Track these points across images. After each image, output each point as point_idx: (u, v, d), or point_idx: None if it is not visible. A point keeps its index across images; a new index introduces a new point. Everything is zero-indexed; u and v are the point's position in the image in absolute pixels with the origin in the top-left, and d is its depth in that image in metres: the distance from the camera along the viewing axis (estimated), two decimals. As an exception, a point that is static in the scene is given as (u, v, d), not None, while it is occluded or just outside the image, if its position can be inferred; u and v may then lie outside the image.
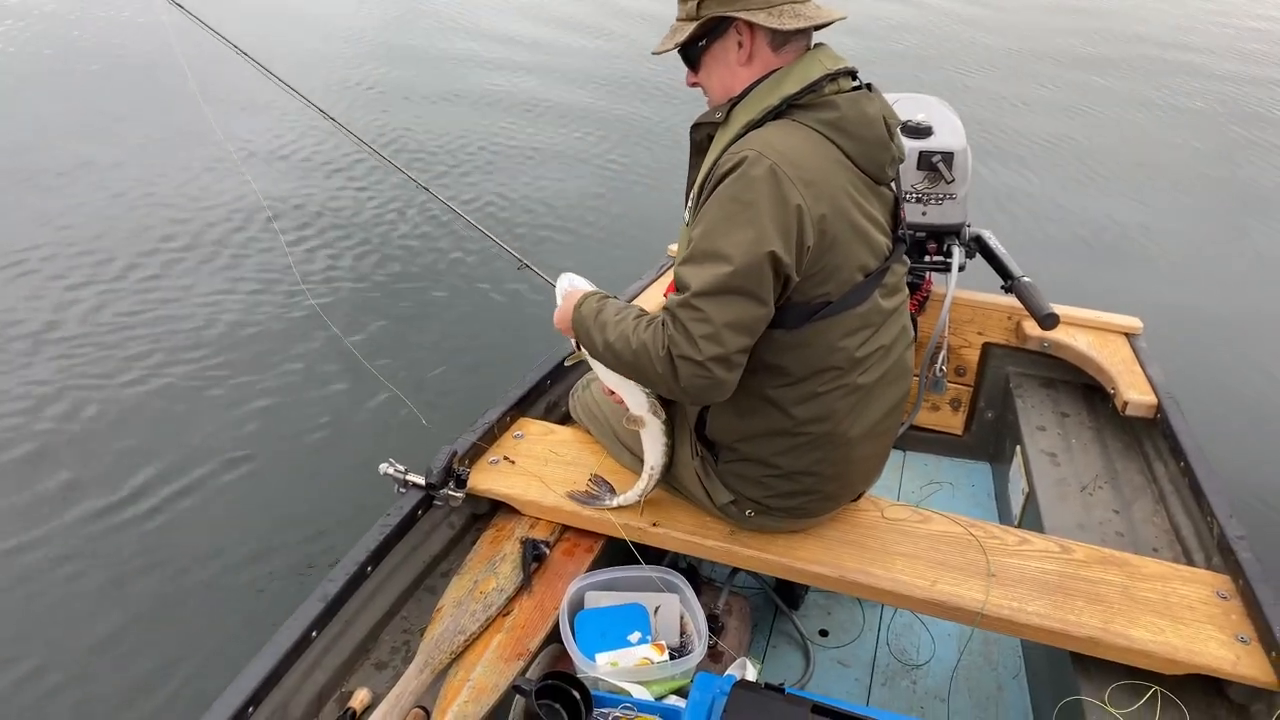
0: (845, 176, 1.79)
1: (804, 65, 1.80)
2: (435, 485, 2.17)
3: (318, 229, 5.18)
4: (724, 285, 1.70)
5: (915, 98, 3.00)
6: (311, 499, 3.38)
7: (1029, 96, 8.32)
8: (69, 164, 5.70)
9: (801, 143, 1.75)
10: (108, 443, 3.62)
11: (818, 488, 2.02)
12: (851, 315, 1.85)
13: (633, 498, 2.16)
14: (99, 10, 8.56)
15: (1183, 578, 2.08)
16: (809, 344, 1.85)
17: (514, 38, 9.11)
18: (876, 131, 1.82)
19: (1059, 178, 6.62)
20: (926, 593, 2.00)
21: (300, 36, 8.42)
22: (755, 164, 1.69)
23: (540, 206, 5.65)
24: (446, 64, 8.21)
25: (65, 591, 3.02)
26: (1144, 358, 2.83)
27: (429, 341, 4.31)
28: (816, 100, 1.78)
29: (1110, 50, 10.15)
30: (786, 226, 1.70)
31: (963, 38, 10.08)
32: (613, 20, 9.88)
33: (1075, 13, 11.52)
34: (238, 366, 4.07)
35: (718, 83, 1.90)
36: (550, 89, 7.71)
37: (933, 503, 3.01)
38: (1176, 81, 9.19)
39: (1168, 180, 6.76)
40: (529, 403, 2.56)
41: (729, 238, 1.70)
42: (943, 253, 2.87)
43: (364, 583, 2.03)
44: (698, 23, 1.82)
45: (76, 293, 4.48)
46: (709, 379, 1.72)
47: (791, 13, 1.79)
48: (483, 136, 6.61)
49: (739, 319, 1.72)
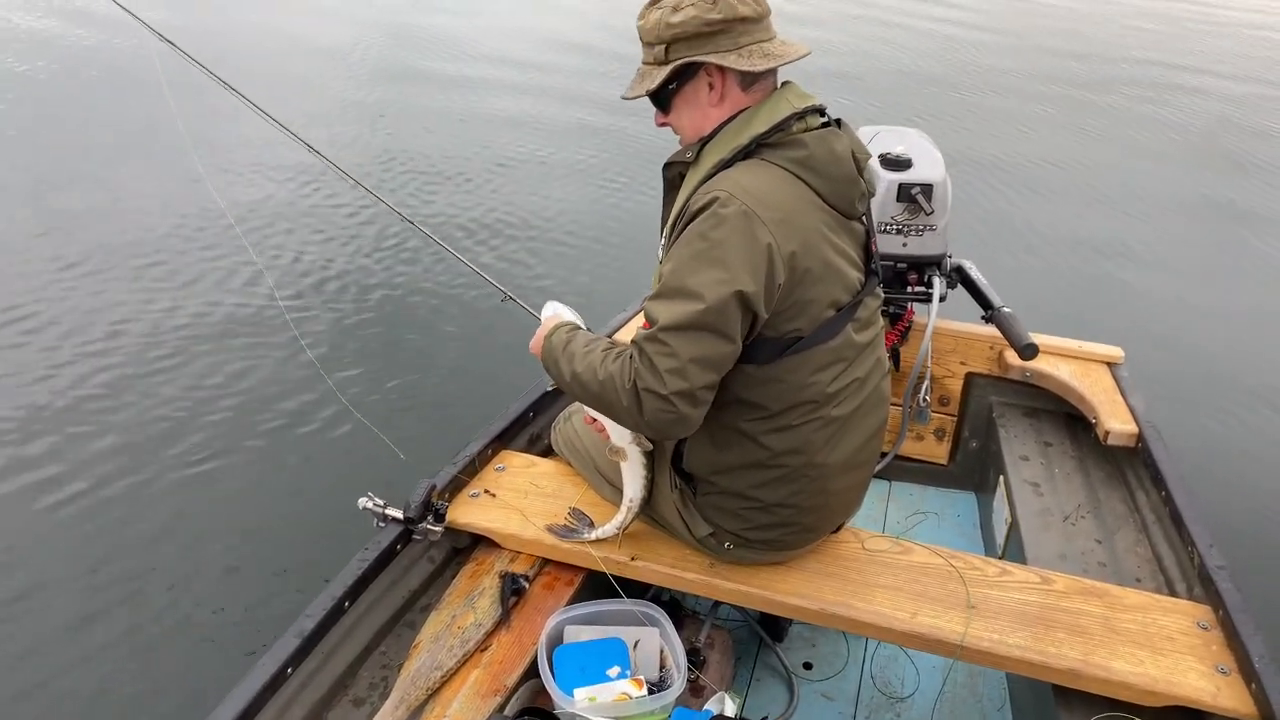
0: (815, 214, 1.81)
1: (772, 105, 1.82)
2: (414, 519, 2.15)
3: (299, 261, 5.18)
4: (691, 321, 1.70)
5: (895, 130, 3.03)
6: (289, 533, 3.36)
7: (1012, 124, 8.39)
8: (49, 195, 5.71)
9: (771, 182, 1.77)
10: (81, 475, 3.60)
11: (796, 520, 2.01)
12: (823, 350, 1.86)
13: (611, 530, 2.16)
14: (85, 40, 8.61)
15: (1163, 608, 2.07)
16: (781, 379, 1.86)
17: (499, 66, 9.19)
18: (845, 169, 1.83)
19: (1042, 205, 6.67)
20: (907, 625, 1.99)
21: (283, 66, 8.47)
22: (726, 204, 1.71)
23: (526, 238, 5.67)
24: (430, 93, 8.27)
25: (33, 627, 2.99)
26: (1125, 387, 2.84)
27: (411, 373, 4.30)
28: (785, 139, 1.80)
29: (1095, 75, 10.26)
30: (755, 265, 1.71)
31: (947, 63, 10.19)
32: (599, 57, 9.97)
33: (1058, 38, 11.65)
34: (215, 399, 4.05)
35: (688, 123, 1.91)
36: (538, 119, 7.77)
37: (918, 533, 3.01)
38: (1161, 107, 9.29)
39: (1149, 208, 6.81)
40: (511, 435, 2.56)
41: (697, 275, 1.71)
42: (924, 283, 2.89)
43: (341, 618, 2.02)
44: (668, 67, 1.84)
45: (50, 333, 4.46)
46: (673, 414, 1.73)
47: (760, 52, 1.81)
48: (467, 169, 6.64)
49: (705, 355, 1.72)
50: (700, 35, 1.80)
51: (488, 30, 10.52)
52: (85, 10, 9.25)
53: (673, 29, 1.80)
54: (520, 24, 10.84)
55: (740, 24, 1.80)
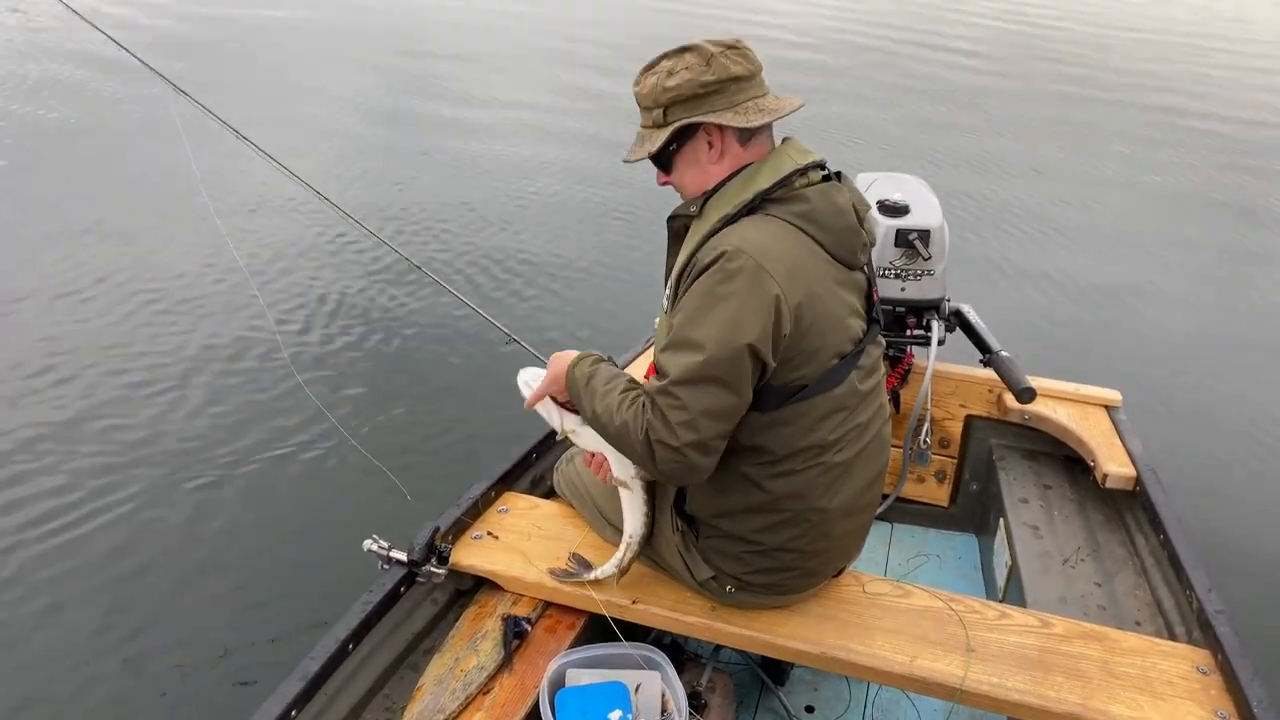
0: (819, 265, 1.86)
1: (775, 161, 1.87)
2: (418, 562, 2.17)
3: (304, 302, 5.24)
4: (701, 374, 1.75)
5: (893, 177, 3.08)
6: (294, 575, 3.38)
7: (1007, 166, 8.48)
8: (63, 241, 5.78)
9: (777, 235, 1.82)
10: (83, 513, 3.61)
11: (798, 564, 2.03)
12: (827, 398, 1.89)
13: (610, 569, 2.17)
14: (104, 93, 8.75)
15: (1162, 652, 2.08)
16: (785, 425, 1.89)
17: (506, 109, 9.31)
18: (847, 220, 1.88)
19: (1038, 248, 6.73)
20: (906, 668, 2.00)
21: (291, 113, 8.59)
22: (733, 257, 1.75)
23: (531, 280, 5.73)
24: (436, 136, 8.38)
25: (35, 664, 2.99)
26: (1123, 430, 2.86)
27: (416, 415, 4.33)
28: (788, 194, 1.85)
29: (1092, 116, 10.37)
30: (764, 317, 1.75)
31: (943, 107, 10.31)
32: (605, 100, 10.10)
33: (1055, 80, 11.79)
34: (219, 439, 4.08)
35: (690, 181, 1.96)
36: (545, 162, 7.86)
37: (920, 575, 3.02)
38: (1160, 147, 9.38)
39: (1146, 251, 6.87)
40: (514, 477, 2.58)
41: (707, 329, 1.76)
42: (923, 326, 2.93)
43: (345, 661, 2.02)
44: (668, 130, 1.89)
45: (60, 371, 4.51)
46: (685, 464, 1.78)
47: (756, 108, 1.87)
48: (474, 211, 6.72)
49: (715, 407, 1.77)
50: (696, 96, 1.85)
51: (494, 73, 10.66)
52: (100, 58, 9.39)
53: (669, 92, 1.86)
54: (528, 68, 11.00)
55: (734, 82, 1.85)
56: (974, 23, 15.96)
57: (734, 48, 1.87)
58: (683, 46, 1.89)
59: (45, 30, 10.48)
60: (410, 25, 13.11)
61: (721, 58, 1.84)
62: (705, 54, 1.85)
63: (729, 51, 1.86)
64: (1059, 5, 19.02)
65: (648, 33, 13.12)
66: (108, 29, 3.38)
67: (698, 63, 1.85)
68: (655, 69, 1.90)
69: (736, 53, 1.87)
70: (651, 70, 1.91)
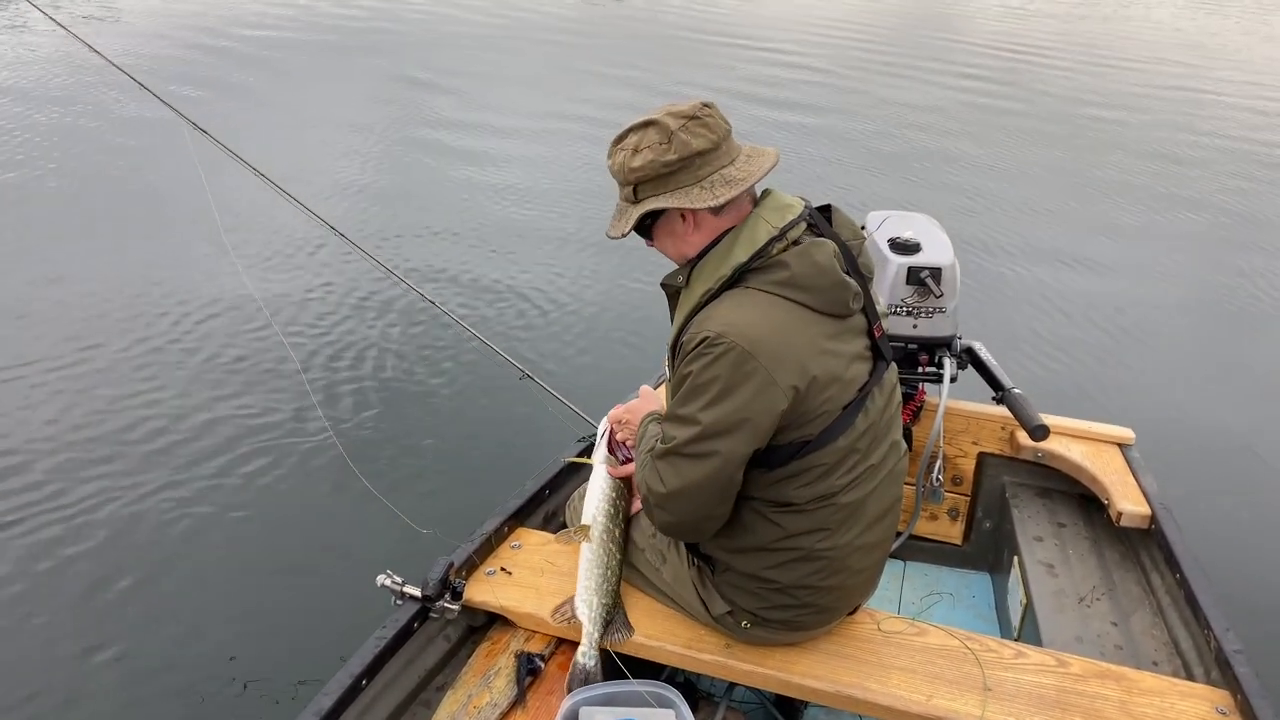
0: (810, 328, 1.85)
1: (751, 229, 1.87)
2: (431, 597, 2.17)
3: (318, 337, 5.26)
4: (690, 451, 1.85)
5: (904, 215, 3.11)
6: (307, 610, 3.37)
7: (1019, 204, 8.51)
8: (74, 269, 5.84)
9: (760, 311, 1.82)
10: (93, 546, 3.63)
11: (813, 601, 2.03)
12: (833, 449, 1.90)
13: (587, 648, 2.13)
14: (120, 134, 8.87)
15: (1180, 693, 2.06)
16: (793, 477, 1.91)
17: (520, 143, 9.38)
18: (830, 277, 1.86)
19: (1051, 285, 6.73)
20: (923, 708, 1.99)
21: (303, 147, 8.69)
22: (716, 345, 1.79)
23: (543, 314, 5.75)
24: (447, 168, 8.45)
25: (50, 701, 2.99)
26: (1137, 468, 2.85)
27: (429, 450, 4.35)
28: (767, 263, 1.85)
29: (1102, 151, 10.41)
30: (755, 405, 1.79)
31: (952, 142, 10.37)
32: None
33: (1062, 116, 11.87)
34: (232, 474, 4.09)
35: (672, 249, 2.00)
36: (561, 197, 7.90)
37: (933, 614, 3.00)
38: (1172, 178, 9.41)
39: (1158, 287, 6.87)
40: (527, 513, 2.58)
41: (704, 411, 1.82)
42: (934, 364, 2.94)
43: (358, 697, 2.02)
44: (637, 211, 1.92)
45: (70, 395, 4.54)
46: (677, 528, 1.96)
47: (722, 180, 1.87)
48: (488, 245, 6.76)
49: (702, 480, 1.85)
50: (660, 176, 1.87)
51: (507, 105, 10.76)
52: (119, 95, 9.53)
53: (635, 173, 1.89)
54: (540, 100, 11.10)
55: (697, 158, 1.86)
56: (980, 52, 16.10)
57: (695, 118, 1.86)
58: (646, 120, 1.89)
59: (56, 69, 10.66)
60: (421, 48, 13.28)
61: (682, 133, 1.84)
62: (666, 131, 1.85)
63: (690, 124, 1.85)
64: (1064, 31, 19.18)
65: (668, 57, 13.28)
66: (107, 53, 3.44)
67: (659, 141, 1.85)
68: (623, 144, 1.91)
69: (698, 124, 1.85)
70: (619, 145, 1.92)
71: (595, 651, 2.12)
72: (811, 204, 1.97)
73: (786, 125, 10.56)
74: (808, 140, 9.98)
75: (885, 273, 2.84)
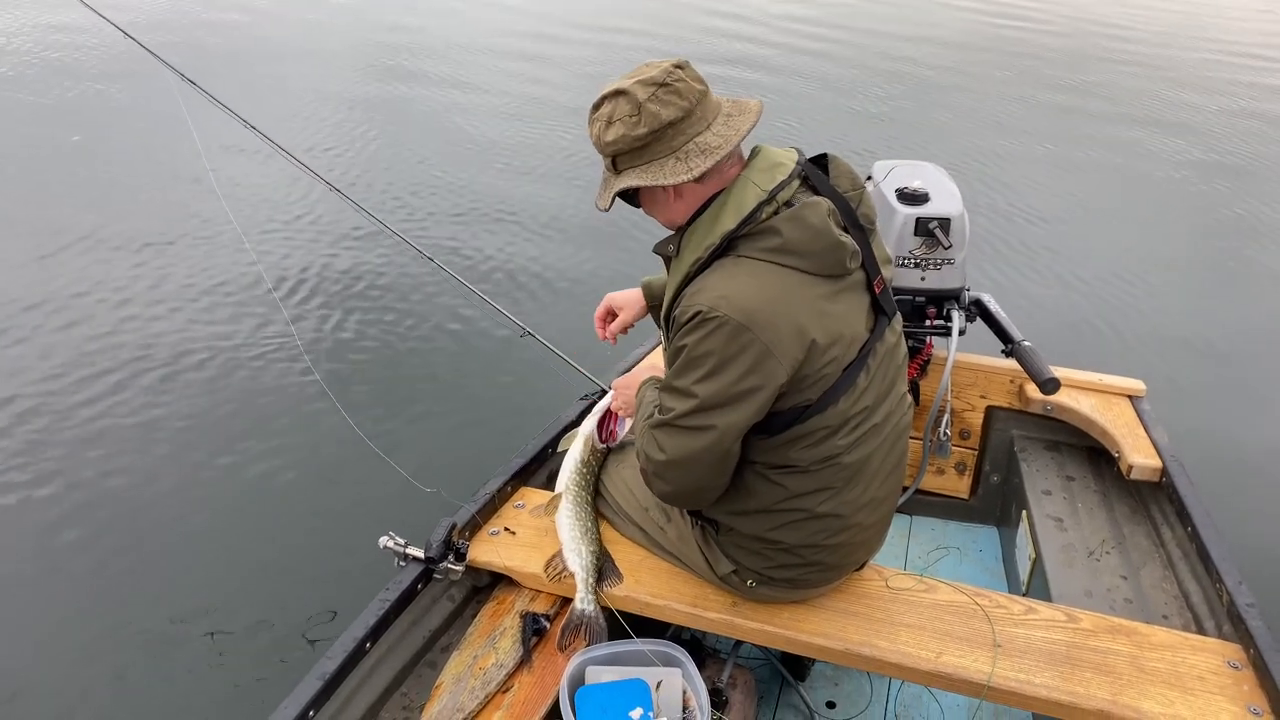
0: (807, 293, 1.79)
1: (738, 193, 1.79)
2: (435, 559, 2.16)
3: (318, 296, 5.20)
4: (688, 423, 1.81)
5: (911, 164, 3.04)
6: (309, 573, 3.35)
7: (1029, 154, 8.39)
8: (70, 233, 5.77)
9: (753, 282, 1.76)
10: (97, 513, 3.60)
11: (819, 559, 2.00)
12: (835, 411, 1.86)
13: (584, 593, 2.13)
14: (105, 71, 8.74)
15: (1192, 647, 2.05)
16: (795, 441, 1.87)
17: (526, 102, 9.23)
18: (826, 239, 1.79)
19: (1061, 236, 6.65)
20: (932, 665, 1.97)
21: (299, 102, 8.55)
22: (710, 319, 1.74)
23: (544, 273, 5.69)
24: (448, 129, 8.32)
25: (46, 666, 2.99)
26: (1148, 420, 2.81)
27: (431, 410, 4.31)
28: (757, 229, 1.78)
29: (1113, 103, 10.26)
30: (752, 378, 1.76)
31: (962, 95, 10.22)
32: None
33: (1076, 65, 11.68)
34: (233, 436, 4.05)
35: (661, 217, 1.95)
36: (562, 156, 7.79)
37: (940, 569, 2.98)
38: (1180, 135, 9.27)
39: (1169, 238, 6.79)
40: (530, 472, 2.56)
41: (699, 385, 1.78)
42: (943, 316, 2.89)
43: (363, 659, 2.01)
44: (615, 187, 1.86)
45: (66, 360, 4.50)
46: (675, 497, 1.95)
47: (697, 150, 1.79)
48: (487, 204, 6.68)
49: (697, 451, 1.83)
50: (634, 149, 1.81)
51: (516, 62, 10.59)
52: (103, 44, 9.38)
53: (610, 146, 1.83)
54: (555, 54, 10.92)
55: (669, 129, 1.78)
56: (989, 10, 15.82)
57: (664, 85, 1.77)
58: (616, 89, 1.80)
59: (53, 23, 10.49)
60: (431, 16, 13.05)
61: (651, 104, 1.76)
62: (634, 102, 1.77)
63: (659, 92, 1.76)
64: None
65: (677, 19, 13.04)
66: (107, 13, 3.36)
67: (629, 114, 1.78)
68: (598, 113, 1.85)
69: (667, 91, 1.76)
70: (595, 115, 1.86)
71: (592, 597, 2.12)
72: (805, 157, 1.89)
73: (788, 73, 10.39)
74: (811, 87, 9.83)
75: (893, 224, 2.78)
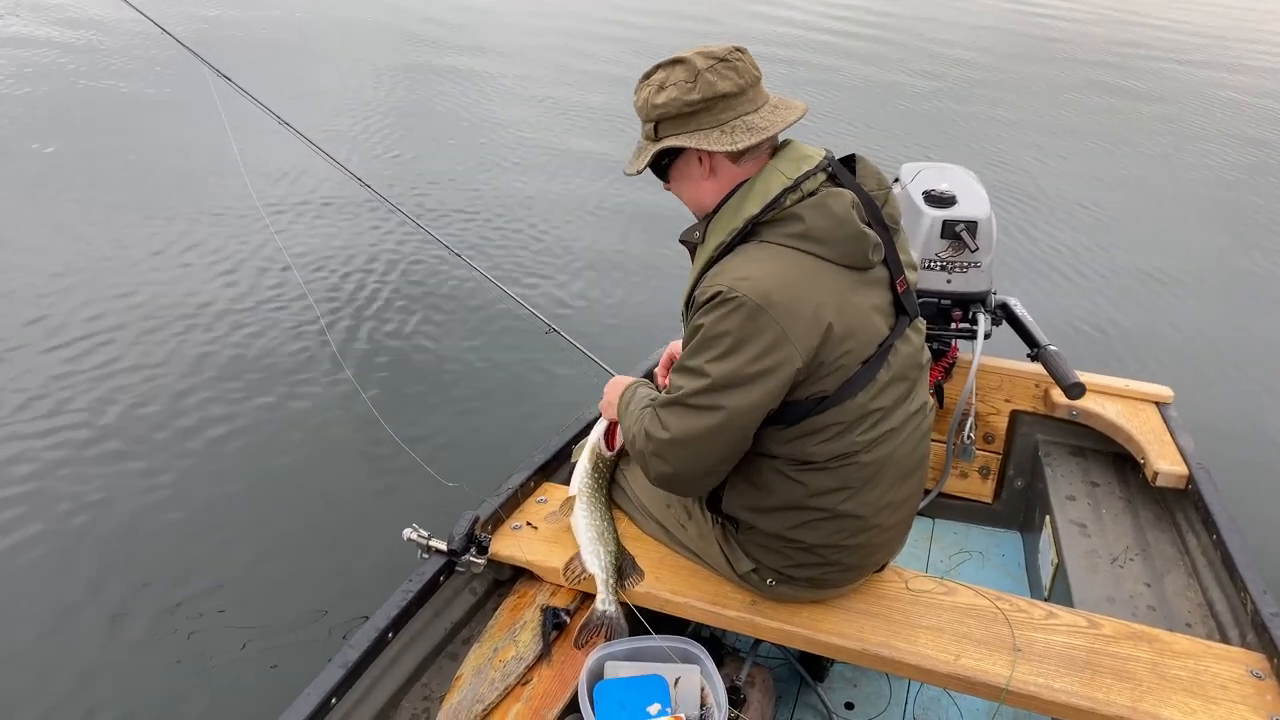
0: (827, 281, 1.80)
1: (764, 180, 1.82)
2: (457, 551, 2.18)
3: (344, 291, 5.25)
4: (698, 403, 1.81)
5: (939, 167, 3.03)
6: (333, 564, 3.39)
7: (1056, 158, 8.33)
8: (99, 220, 5.85)
9: (773, 264, 1.78)
10: (124, 501, 3.65)
11: (839, 559, 2.00)
12: (853, 405, 1.86)
13: (605, 595, 2.14)
14: (143, 80, 8.85)
15: (1215, 655, 2.03)
16: (812, 434, 1.87)
17: (547, 100, 9.28)
18: (849, 228, 1.80)
19: (1088, 241, 6.60)
20: (950, 667, 1.97)
21: (330, 100, 8.62)
22: (729, 300, 1.74)
23: (570, 270, 5.72)
24: (477, 126, 8.37)
25: (73, 653, 3.03)
26: (1174, 427, 2.79)
27: (456, 405, 4.34)
28: (780, 214, 1.80)
29: (1142, 106, 10.16)
30: (766, 361, 1.75)
31: (990, 98, 10.15)
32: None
33: (1103, 68, 11.57)
34: (259, 428, 4.10)
35: (688, 196, 1.97)
36: (591, 154, 7.82)
37: (962, 572, 2.97)
38: (1211, 139, 9.17)
39: (1198, 244, 6.72)
40: (552, 468, 2.57)
41: (712, 364, 1.78)
42: (968, 320, 2.87)
43: (384, 649, 2.03)
44: (654, 148, 1.89)
45: (99, 351, 4.56)
46: (672, 479, 1.89)
47: (744, 127, 1.82)
48: (514, 201, 6.71)
49: (700, 430, 1.81)
50: (682, 115, 1.83)
51: (544, 64, 10.63)
52: (139, 37, 9.49)
53: (658, 109, 1.86)
54: (582, 56, 10.95)
55: (721, 100, 1.81)
56: (1018, 12, 15.71)
57: (725, 60, 1.81)
58: (675, 58, 1.85)
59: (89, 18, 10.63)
60: (457, 12, 13.11)
61: (709, 74, 1.80)
62: (693, 70, 1.81)
63: (719, 65, 1.81)
64: None
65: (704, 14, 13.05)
66: (149, 13, 3.41)
67: (685, 79, 1.81)
68: (649, 80, 1.88)
69: (727, 66, 1.81)
70: (646, 81, 1.89)
71: (613, 597, 2.12)
72: (834, 155, 1.91)
73: (818, 76, 10.37)
74: (842, 92, 9.80)
75: (920, 226, 2.78)
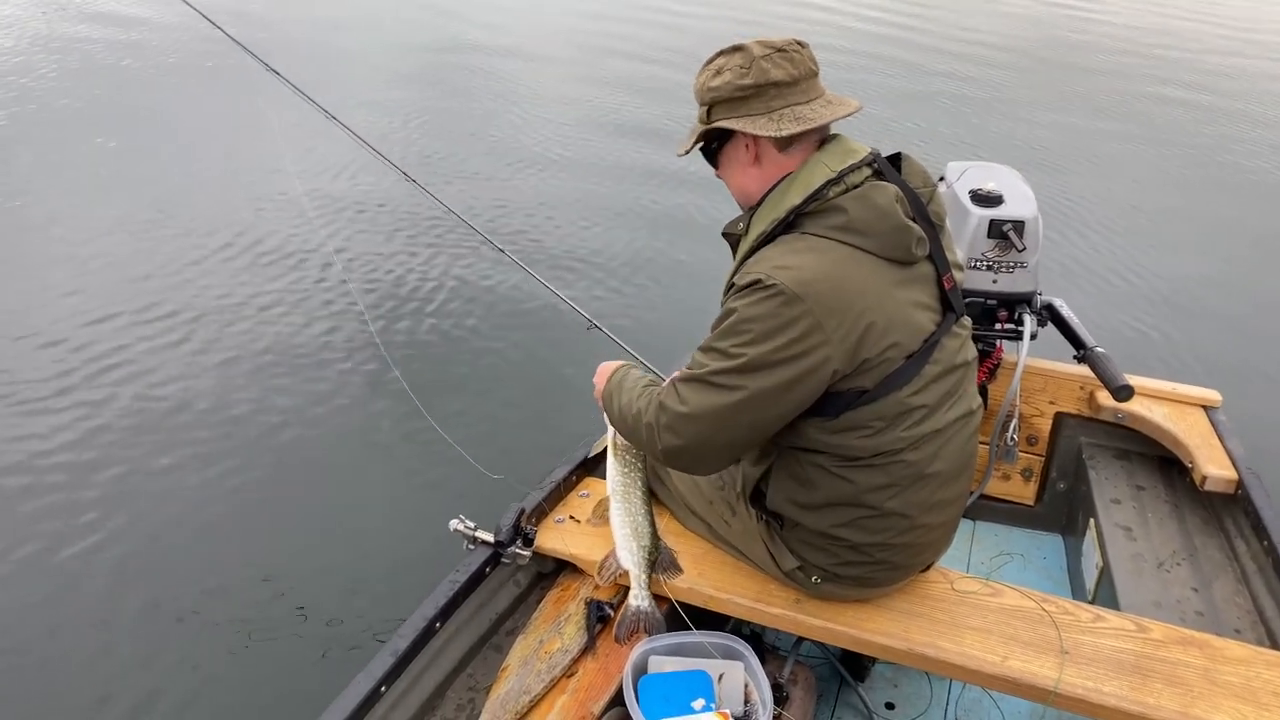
0: (869, 274, 1.79)
1: (808, 171, 1.84)
2: (504, 543, 2.20)
3: (389, 285, 5.30)
4: (715, 381, 1.80)
5: (986, 166, 3.01)
6: (382, 554, 3.43)
7: (1103, 159, 8.23)
8: (149, 214, 5.93)
9: (815, 257, 1.78)
10: (179, 494, 3.71)
11: (885, 558, 2.00)
12: (895, 400, 1.85)
13: (637, 590, 2.14)
14: (192, 74, 8.96)
15: (1267, 662, 2.01)
16: (852, 428, 1.86)
17: (591, 101, 9.28)
18: (891, 221, 1.80)
19: (1136, 243, 6.52)
20: (997, 668, 1.96)
21: (378, 97, 8.69)
22: (767, 287, 1.74)
23: (612, 267, 5.73)
24: (521, 122, 8.40)
25: (130, 642, 3.08)
26: (1223, 431, 2.76)
27: (500, 399, 4.37)
28: (822, 207, 1.81)
29: (1187, 107, 10.02)
30: (795, 348, 1.74)
31: (1037, 99, 10.05)
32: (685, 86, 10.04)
33: (1151, 70, 11.42)
34: (308, 422, 4.15)
35: (734, 182, 2.00)
36: (633, 153, 7.81)
37: (1003, 574, 2.95)
38: (1261, 140, 9.03)
39: (1245, 246, 6.62)
40: (595, 462, 2.59)
41: (739, 348, 1.78)
42: (1013, 320, 2.85)
43: (432, 639, 2.06)
44: (700, 131, 1.93)
45: (145, 346, 4.62)
46: (678, 453, 1.87)
47: (792, 116, 1.84)
48: (558, 198, 6.73)
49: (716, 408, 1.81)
50: (734, 99, 1.87)
51: (590, 65, 10.63)
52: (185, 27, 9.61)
53: (711, 93, 1.89)
54: (622, 61, 10.95)
55: (773, 88, 1.84)
56: (1064, 13, 15.53)
57: (782, 50, 1.84)
58: (735, 45, 1.89)
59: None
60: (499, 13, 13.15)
61: (764, 61, 1.83)
62: (749, 57, 1.85)
63: (775, 55, 1.84)
64: None
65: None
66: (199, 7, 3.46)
67: (740, 65, 1.85)
68: (709, 65, 1.93)
69: (783, 56, 1.84)
70: (707, 66, 1.94)
71: (646, 592, 2.13)
72: (881, 153, 1.91)
73: (859, 78, 10.31)
74: (886, 92, 9.74)
75: (966, 225, 2.76)
